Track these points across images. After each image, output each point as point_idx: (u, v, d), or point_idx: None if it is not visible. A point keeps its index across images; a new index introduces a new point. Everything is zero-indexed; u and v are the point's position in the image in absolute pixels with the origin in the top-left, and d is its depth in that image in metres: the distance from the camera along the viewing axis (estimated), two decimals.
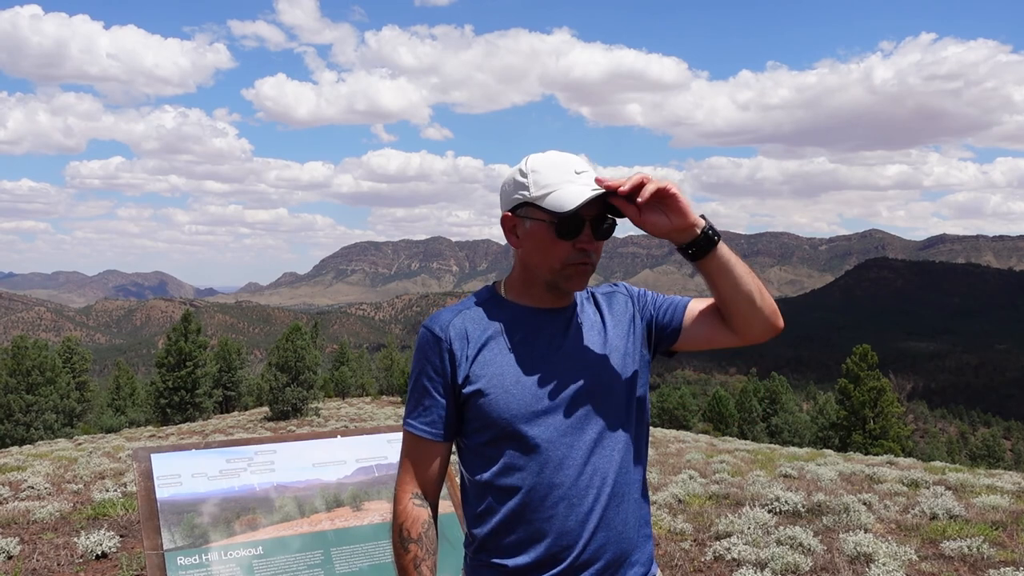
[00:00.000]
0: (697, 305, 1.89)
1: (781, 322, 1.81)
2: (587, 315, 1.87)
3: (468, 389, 1.78)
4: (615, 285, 1.97)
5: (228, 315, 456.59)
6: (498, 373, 1.77)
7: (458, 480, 2.02)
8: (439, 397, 1.80)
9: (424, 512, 1.83)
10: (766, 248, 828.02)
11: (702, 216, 1.72)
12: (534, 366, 1.77)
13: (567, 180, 1.70)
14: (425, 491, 1.85)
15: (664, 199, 1.67)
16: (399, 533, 1.82)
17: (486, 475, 1.79)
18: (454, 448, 1.91)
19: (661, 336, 1.89)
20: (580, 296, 1.90)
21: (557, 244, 1.73)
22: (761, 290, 1.77)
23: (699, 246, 1.72)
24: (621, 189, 1.64)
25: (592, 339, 1.83)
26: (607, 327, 1.87)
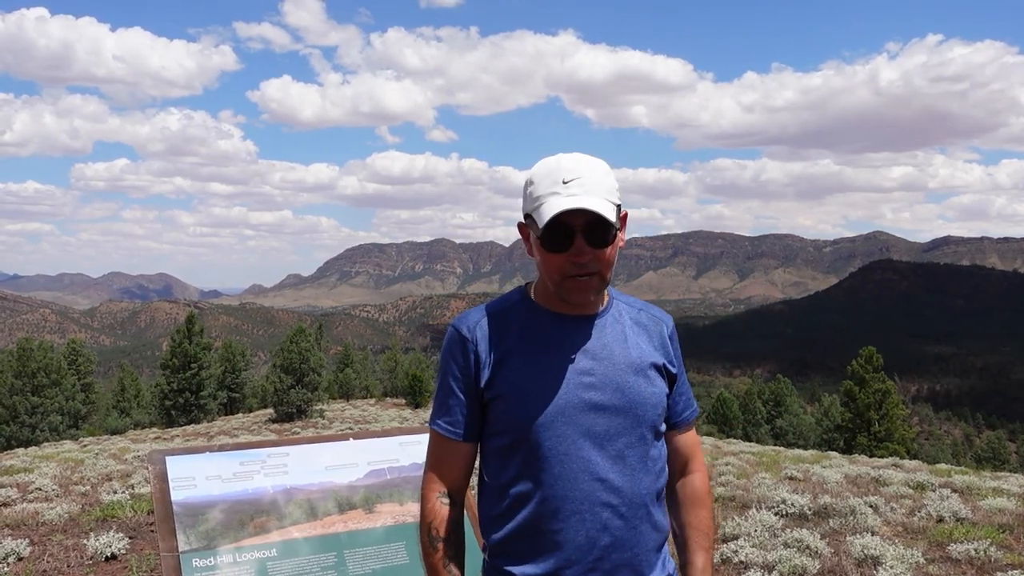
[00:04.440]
0: (688, 442, 1.98)
1: None
2: (623, 327, 1.85)
3: (491, 392, 1.76)
4: (665, 315, 1.96)
5: (232, 317, 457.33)
6: (521, 379, 1.74)
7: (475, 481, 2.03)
8: (463, 397, 1.79)
9: (451, 511, 1.82)
10: (770, 250, 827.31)
11: None
12: (558, 375, 1.74)
13: (552, 191, 1.68)
14: (451, 490, 1.83)
15: None
16: (428, 532, 1.80)
17: (503, 480, 1.78)
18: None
19: None
20: (621, 306, 1.88)
21: (551, 257, 1.71)
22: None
23: None
24: None
25: (621, 353, 1.80)
26: (641, 344, 1.84)
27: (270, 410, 45.90)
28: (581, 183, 1.67)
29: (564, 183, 1.68)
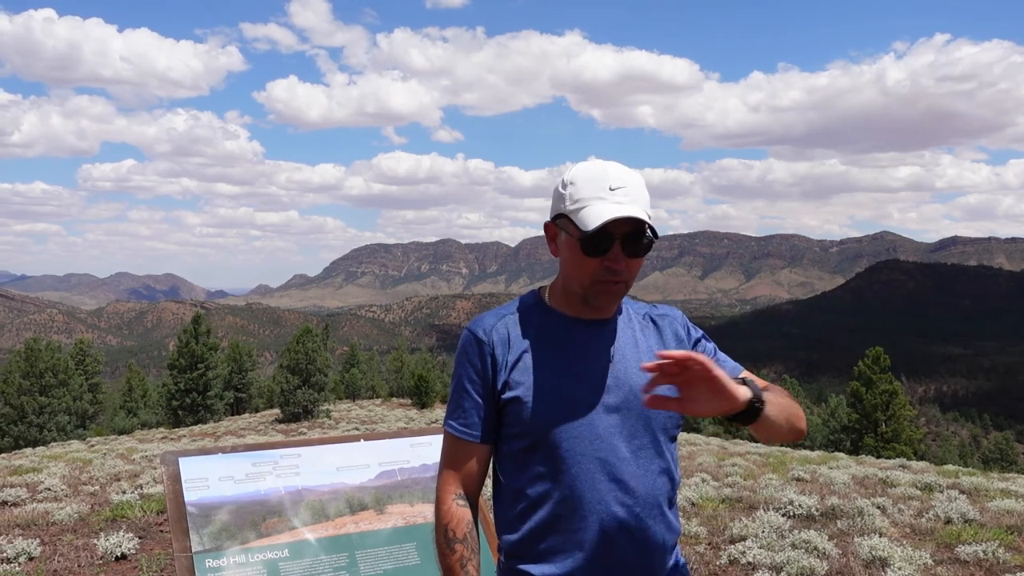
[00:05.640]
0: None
1: (803, 435, 1.85)
2: (633, 331, 1.87)
3: (507, 395, 1.79)
4: (672, 310, 1.98)
5: (238, 317, 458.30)
6: (537, 382, 1.77)
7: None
8: (478, 399, 1.82)
9: (467, 512, 1.84)
10: (776, 250, 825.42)
11: (743, 381, 1.71)
12: (574, 377, 1.77)
13: (598, 196, 1.70)
14: (466, 491, 1.86)
15: (707, 381, 1.59)
16: (444, 533, 1.82)
17: (520, 481, 1.80)
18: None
19: None
20: (630, 310, 1.91)
21: (585, 261, 1.73)
22: (791, 421, 1.77)
23: (746, 417, 1.69)
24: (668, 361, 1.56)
25: (634, 356, 1.83)
26: (652, 346, 1.87)
27: (276, 410, 46.00)
28: (627, 192, 1.71)
29: (611, 190, 1.70)
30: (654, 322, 1.92)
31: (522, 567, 1.80)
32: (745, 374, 1.86)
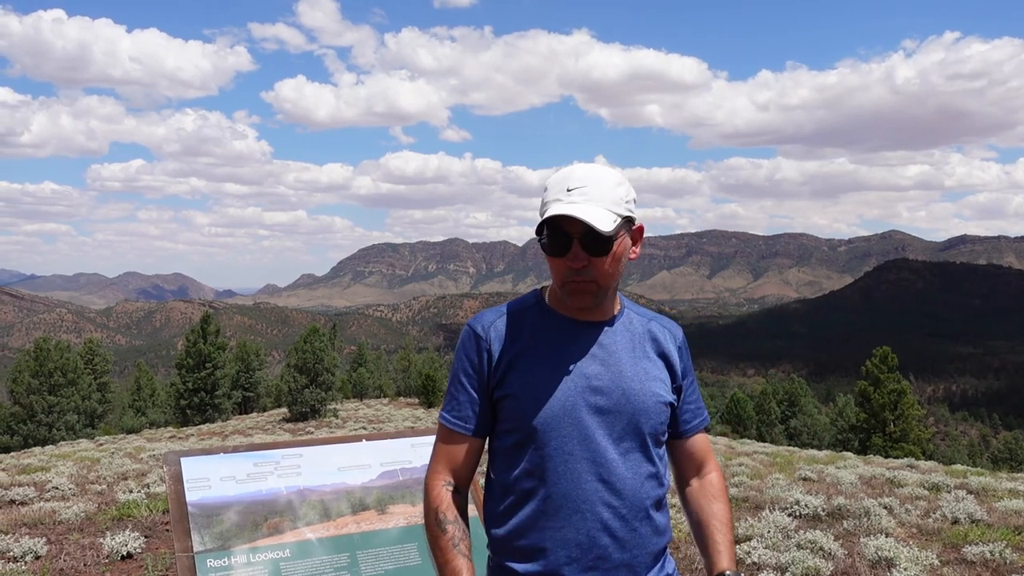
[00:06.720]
0: (700, 447, 2.03)
1: None
2: (632, 334, 1.89)
3: (501, 392, 1.82)
4: (675, 327, 2.00)
5: (246, 316, 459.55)
6: (529, 379, 1.80)
7: (482, 481, 2.06)
8: (473, 393, 1.86)
9: (458, 497, 1.88)
10: (785, 249, 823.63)
11: None
12: (566, 377, 1.79)
13: (556, 198, 1.73)
14: (456, 483, 1.89)
15: None
16: (435, 516, 1.84)
17: (508, 477, 1.83)
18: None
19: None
20: (632, 314, 1.93)
21: (552, 261, 1.78)
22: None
23: None
24: None
25: (628, 360, 1.85)
26: (649, 353, 1.89)
27: (284, 409, 46.10)
28: (584, 191, 1.72)
29: (568, 191, 1.73)
30: (654, 332, 1.94)
31: (507, 563, 1.83)
32: (716, 480, 2.02)
